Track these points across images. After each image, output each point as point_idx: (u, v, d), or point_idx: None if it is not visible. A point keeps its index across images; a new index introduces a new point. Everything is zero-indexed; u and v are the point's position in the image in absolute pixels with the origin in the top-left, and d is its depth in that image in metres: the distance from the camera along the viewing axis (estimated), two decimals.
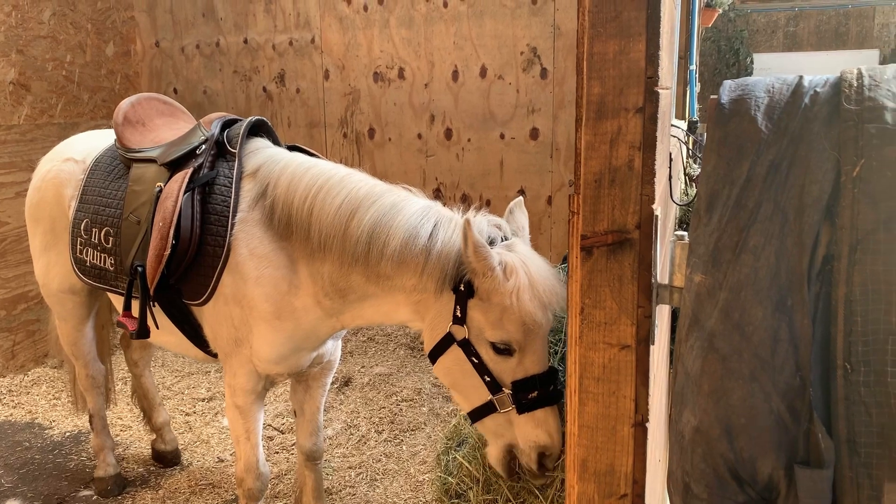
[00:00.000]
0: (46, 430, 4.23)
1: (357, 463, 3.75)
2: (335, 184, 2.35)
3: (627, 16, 1.26)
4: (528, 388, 2.04)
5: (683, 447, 1.19)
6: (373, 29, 5.48)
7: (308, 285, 2.42)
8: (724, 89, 1.20)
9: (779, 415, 1.10)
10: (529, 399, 2.04)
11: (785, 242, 1.10)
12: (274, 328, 2.47)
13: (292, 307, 2.45)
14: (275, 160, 2.53)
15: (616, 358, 1.34)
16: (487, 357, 2.09)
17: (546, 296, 2.02)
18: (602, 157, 1.31)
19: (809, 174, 1.10)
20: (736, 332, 1.12)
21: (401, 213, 2.21)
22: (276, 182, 2.44)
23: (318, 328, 2.52)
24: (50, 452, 3.97)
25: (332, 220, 2.29)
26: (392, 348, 5.31)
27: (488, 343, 2.07)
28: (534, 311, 2.00)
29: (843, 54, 11.73)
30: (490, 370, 2.08)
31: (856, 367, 1.06)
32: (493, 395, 2.09)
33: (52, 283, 3.24)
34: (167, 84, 6.09)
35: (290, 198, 2.39)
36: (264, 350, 2.50)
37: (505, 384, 2.08)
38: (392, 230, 2.18)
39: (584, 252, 1.35)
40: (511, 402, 2.05)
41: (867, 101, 1.08)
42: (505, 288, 2.01)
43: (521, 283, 2.00)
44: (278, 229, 2.42)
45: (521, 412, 2.04)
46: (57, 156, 3.23)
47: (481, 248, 2.00)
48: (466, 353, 2.11)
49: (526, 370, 2.06)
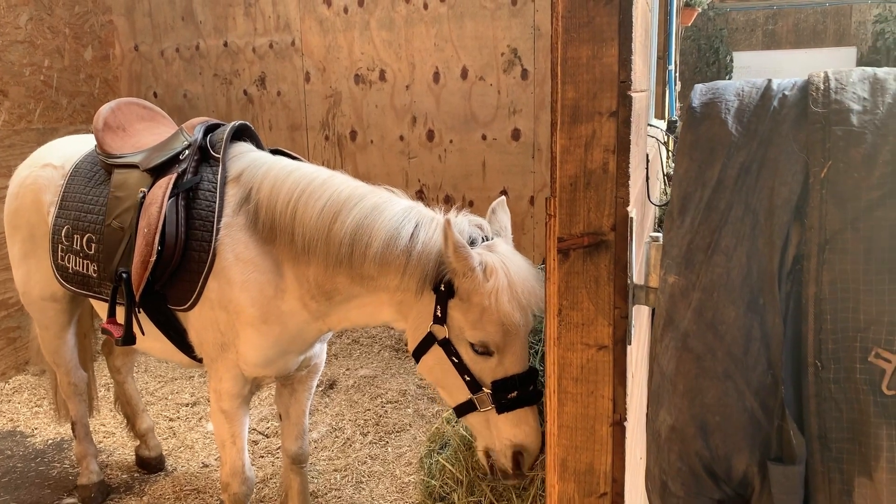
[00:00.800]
0: (28, 438, 4.20)
1: (342, 465, 3.76)
2: (317, 187, 2.36)
3: (600, 21, 1.27)
4: (507, 389, 2.06)
5: (660, 446, 1.21)
6: (353, 31, 5.48)
7: (294, 288, 2.43)
8: (695, 93, 1.22)
9: (752, 412, 1.12)
10: (509, 399, 2.05)
11: (756, 243, 1.12)
12: (261, 332, 2.47)
13: (279, 311, 2.45)
14: (257, 164, 2.53)
15: (594, 358, 1.36)
16: (467, 357, 2.11)
17: (525, 297, 2.03)
18: (577, 160, 1.32)
19: (779, 176, 1.12)
20: (709, 331, 1.14)
21: (382, 214, 2.22)
22: (259, 186, 2.44)
23: (304, 331, 2.52)
24: (32, 461, 3.94)
25: (315, 223, 2.29)
26: (377, 350, 5.31)
27: (468, 343, 2.09)
28: (512, 312, 2.01)
29: (821, 52, 11.87)
30: (470, 370, 2.10)
31: (826, 364, 1.09)
32: (473, 395, 2.11)
33: (32, 291, 3.22)
34: (147, 88, 6.05)
35: (272, 202, 2.39)
36: (251, 354, 2.50)
37: (485, 384, 2.09)
38: (374, 231, 2.19)
39: (561, 254, 1.36)
40: (490, 401, 2.07)
41: (833, 104, 1.10)
42: (484, 289, 2.02)
43: (500, 283, 2.01)
44: (263, 233, 2.42)
45: (501, 412, 2.06)
46: (35, 162, 3.20)
47: (461, 249, 2.01)
48: (447, 353, 2.13)
49: (506, 370, 2.07)
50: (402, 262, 2.15)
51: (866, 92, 1.10)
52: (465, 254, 2.02)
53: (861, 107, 1.08)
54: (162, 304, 2.57)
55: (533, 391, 2.08)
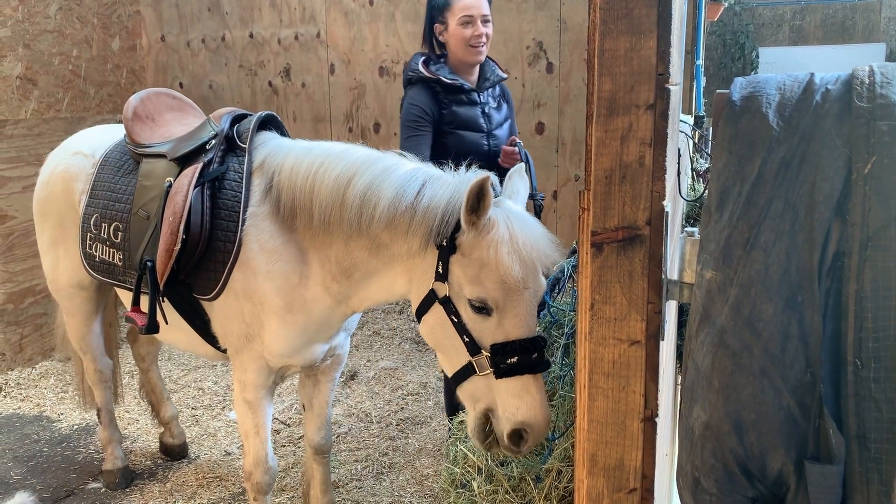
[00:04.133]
0: (54, 423, 4.26)
1: (363, 456, 3.77)
2: (334, 158, 2.35)
3: (638, 13, 1.26)
4: (506, 353, 1.96)
5: (693, 442, 1.20)
6: (378, 23, 5.48)
7: (317, 273, 2.44)
8: (735, 86, 1.20)
9: (789, 410, 1.10)
10: (508, 364, 1.96)
11: (796, 239, 1.11)
12: (286, 322, 2.48)
13: (303, 299, 2.46)
14: (279, 149, 2.55)
15: (626, 353, 1.35)
16: (467, 316, 2.03)
17: (527, 250, 1.96)
18: (613, 153, 1.31)
19: (820, 171, 1.10)
20: (746, 328, 1.12)
21: (391, 175, 2.20)
22: (280, 169, 2.45)
23: (329, 317, 2.53)
24: (58, 445, 4.00)
25: (330, 190, 2.28)
26: (398, 342, 5.33)
27: (467, 301, 2.02)
28: (511, 265, 1.94)
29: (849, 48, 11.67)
30: (469, 330, 2.03)
31: (866, 363, 1.07)
32: (472, 357, 2.03)
33: (60, 279, 3.25)
34: (173, 78, 6.09)
35: (293, 181, 2.39)
36: (277, 344, 2.52)
37: (484, 346, 2.01)
38: (381, 191, 2.17)
39: (595, 248, 1.35)
40: (489, 364, 1.99)
41: (878, 99, 1.08)
42: (484, 241, 1.97)
43: (500, 236, 1.95)
44: (286, 218, 2.43)
45: (500, 377, 1.97)
46: (66, 150, 3.24)
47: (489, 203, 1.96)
48: (447, 312, 2.06)
49: (507, 333, 1.99)
50: (406, 219, 2.12)
51: None
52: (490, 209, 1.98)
53: None
54: (187, 294, 2.59)
55: (537, 360, 1.98)
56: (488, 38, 3.13)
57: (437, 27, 3.16)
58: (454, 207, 2.04)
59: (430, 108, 3.09)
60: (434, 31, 3.18)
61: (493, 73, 3.29)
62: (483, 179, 1.91)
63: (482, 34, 3.08)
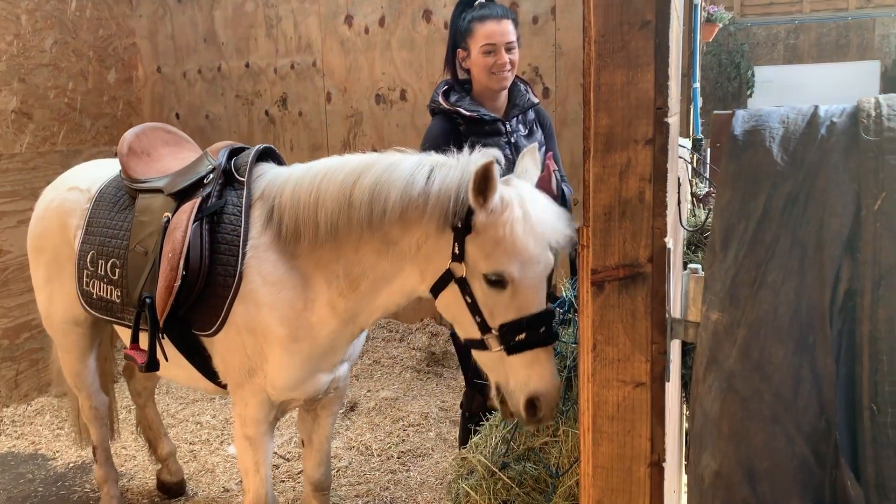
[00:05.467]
0: (50, 462, 4.18)
1: (364, 491, 3.70)
2: (335, 167, 2.37)
3: (635, 45, 1.22)
4: (514, 331, 2.03)
5: (703, 491, 1.14)
6: (374, 51, 5.48)
7: (323, 294, 2.42)
8: (737, 120, 1.16)
9: (803, 459, 1.05)
10: (517, 341, 2.03)
11: (805, 278, 1.07)
12: (291, 352, 2.44)
13: (308, 325, 2.44)
14: (277, 177, 2.54)
15: (630, 396, 1.30)
16: (480, 293, 2.08)
17: (541, 227, 2.02)
18: (612, 189, 1.27)
19: (828, 207, 1.06)
20: (756, 372, 1.07)
21: (398, 168, 2.23)
22: (281, 193, 2.44)
23: (335, 341, 2.50)
24: (53, 484, 3.92)
25: (336, 195, 2.29)
26: (398, 371, 5.26)
27: (482, 276, 2.07)
28: (526, 241, 2.00)
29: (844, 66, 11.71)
30: (481, 309, 2.08)
31: (883, 408, 1.02)
32: (482, 336, 2.09)
33: (55, 315, 3.20)
34: (169, 109, 6.09)
35: (295, 199, 2.38)
36: (281, 376, 2.47)
37: (495, 325, 2.07)
38: (391, 183, 2.20)
39: (596, 287, 1.31)
40: (499, 343, 2.06)
41: (886, 132, 1.04)
42: (500, 220, 2.02)
43: (515, 214, 2.02)
44: (288, 242, 2.41)
45: (511, 354, 2.04)
46: (61, 185, 3.21)
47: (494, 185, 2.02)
48: (462, 292, 2.12)
49: (518, 309, 2.04)
50: (421, 204, 2.15)
51: None
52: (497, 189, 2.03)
53: None
54: (186, 330, 2.55)
55: (545, 333, 2.04)
56: (514, 65, 2.99)
57: (461, 53, 3.04)
58: (466, 188, 2.07)
59: (444, 142, 2.97)
60: (457, 55, 3.09)
61: (524, 99, 3.15)
62: (488, 163, 1.97)
63: (505, 62, 2.96)
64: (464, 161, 2.17)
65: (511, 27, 2.98)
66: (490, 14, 2.96)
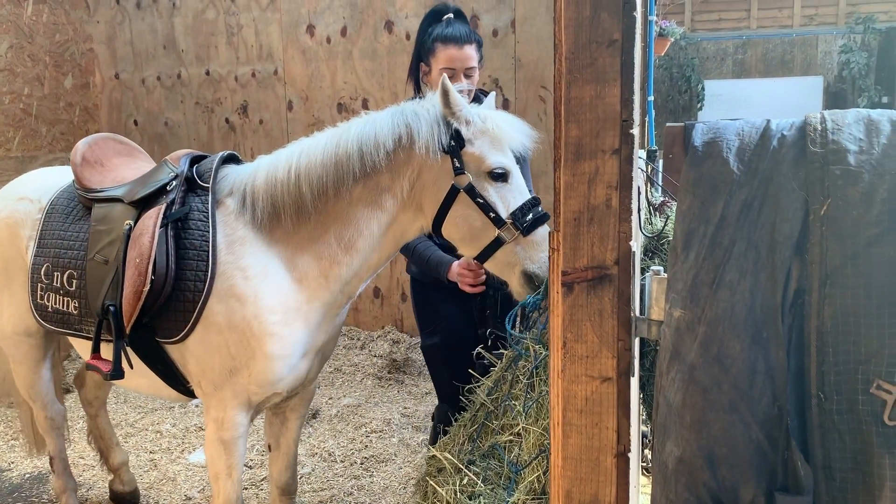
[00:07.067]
0: (5, 473, 4.10)
1: (328, 497, 3.72)
2: (311, 143, 2.49)
3: (603, 62, 1.31)
4: (525, 212, 2.32)
5: (667, 477, 1.23)
6: (336, 60, 5.52)
7: (313, 267, 2.47)
8: (697, 132, 1.26)
9: (758, 444, 1.14)
10: (529, 220, 2.31)
11: (759, 278, 1.16)
12: (281, 337, 2.45)
13: (298, 304, 2.46)
14: (243, 171, 2.59)
15: (598, 390, 1.38)
16: (489, 191, 2.35)
17: (517, 125, 2.40)
18: (581, 196, 1.36)
19: (780, 213, 1.16)
20: (715, 364, 1.16)
21: (374, 120, 2.42)
22: (253, 180, 2.51)
23: (326, 316, 2.54)
24: (9, 496, 3.85)
25: (322, 158, 2.41)
26: (360, 378, 5.29)
27: (486, 174, 2.33)
28: (516, 134, 2.36)
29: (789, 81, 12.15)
30: (492, 205, 2.33)
31: (829, 395, 1.12)
32: (499, 230, 2.32)
33: (5, 327, 3.14)
34: (127, 116, 6.03)
35: (271, 181, 2.46)
36: (271, 367, 2.46)
37: (507, 215, 2.33)
38: (377, 130, 2.38)
39: (566, 287, 1.39)
40: (515, 228, 2.31)
41: (831, 144, 1.14)
42: (486, 126, 2.35)
43: (497, 119, 2.38)
44: (265, 230, 2.46)
45: (527, 234, 2.31)
46: (10, 195, 3.14)
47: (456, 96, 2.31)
48: (472, 197, 2.33)
49: (521, 195, 2.36)
50: (413, 135, 2.35)
51: (861, 133, 1.15)
52: (461, 102, 2.32)
53: (857, 147, 1.13)
54: (149, 338, 2.54)
55: (544, 211, 2.36)
56: (471, 93, 2.98)
57: (423, 67, 3.07)
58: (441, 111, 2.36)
59: None
60: (420, 69, 3.12)
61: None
62: (442, 80, 2.30)
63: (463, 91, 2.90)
64: (429, 97, 2.42)
65: (473, 51, 3.00)
66: (453, 37, 2.98)
